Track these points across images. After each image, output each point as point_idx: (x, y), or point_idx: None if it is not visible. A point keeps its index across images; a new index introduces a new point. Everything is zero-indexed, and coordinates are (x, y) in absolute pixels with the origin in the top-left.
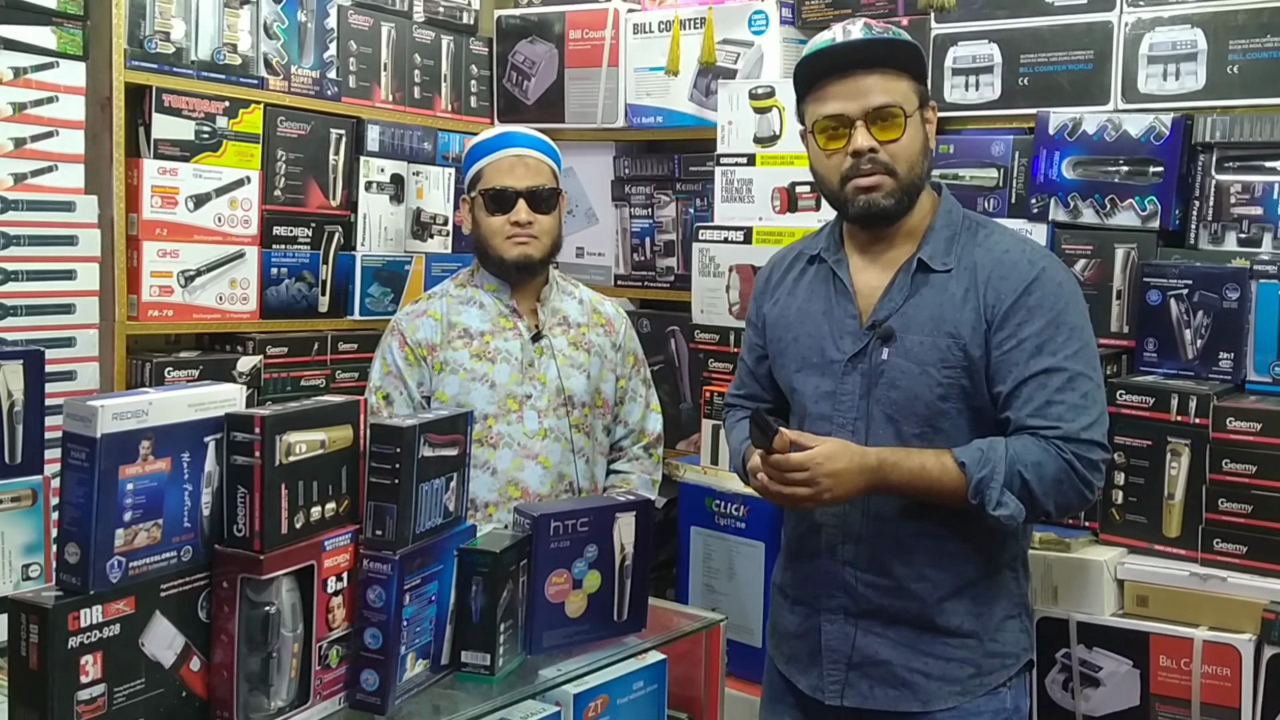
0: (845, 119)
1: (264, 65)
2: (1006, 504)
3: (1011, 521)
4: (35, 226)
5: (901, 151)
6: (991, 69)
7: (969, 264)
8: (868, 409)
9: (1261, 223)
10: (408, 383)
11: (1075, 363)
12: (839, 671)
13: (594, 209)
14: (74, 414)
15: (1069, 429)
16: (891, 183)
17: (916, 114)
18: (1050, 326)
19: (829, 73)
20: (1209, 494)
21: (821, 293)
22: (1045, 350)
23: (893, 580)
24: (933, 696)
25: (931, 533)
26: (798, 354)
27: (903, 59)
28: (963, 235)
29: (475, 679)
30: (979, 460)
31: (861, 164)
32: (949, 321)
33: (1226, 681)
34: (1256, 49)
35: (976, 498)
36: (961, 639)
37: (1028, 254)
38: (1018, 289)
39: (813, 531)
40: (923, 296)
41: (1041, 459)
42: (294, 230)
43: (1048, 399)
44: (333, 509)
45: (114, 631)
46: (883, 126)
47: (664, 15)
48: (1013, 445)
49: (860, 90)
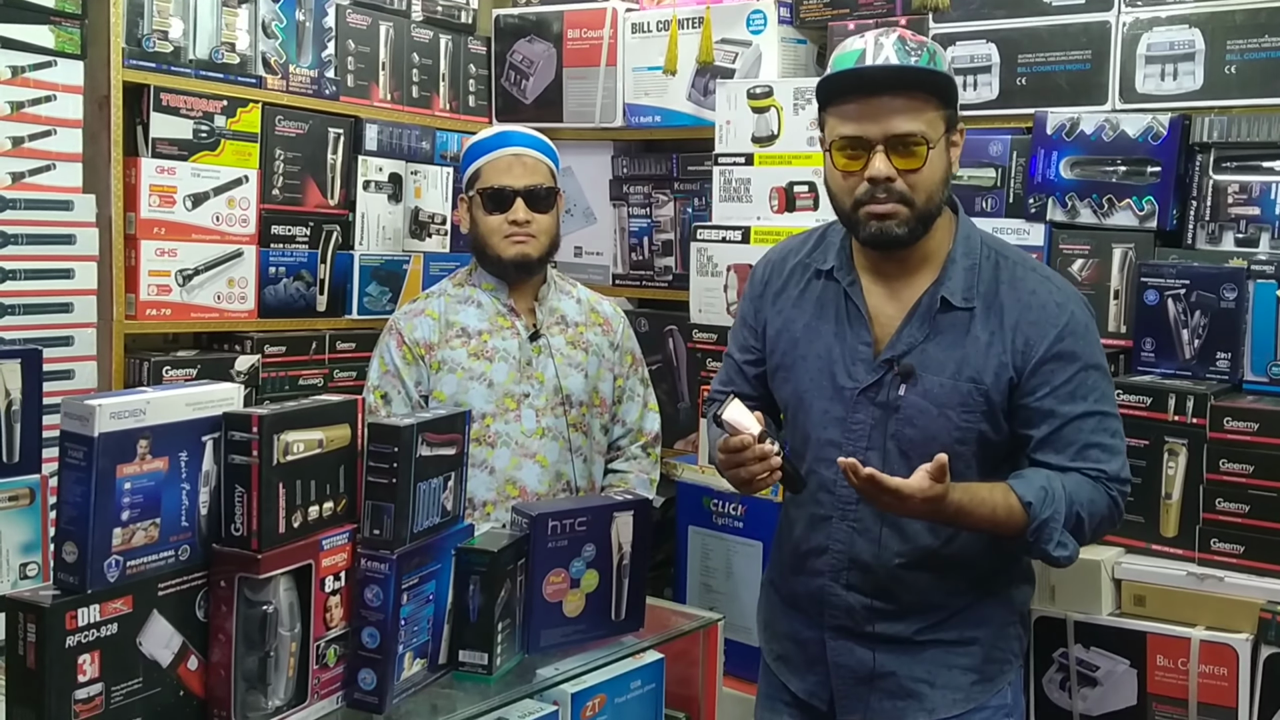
0: (865, 142)
1: (262, 64)
2: (1066, 545)
3: (1068, 562)
4: (33, 225)
5: (921, 182)
6: (989, 69)
7: (993, 304)
8: (882, 442)
9: (1259, 223)
10: (405, 382)
11: (1105, 404)
12: (846, 685)
13: (592, 208)
14: (72, 413)
15: (1110, 470)
16: (907, 212)
17: (941, 141)
18: (1082, 371)
19: (854, 90)
20: (1206, 494)
21: (831, 314)
22: (1078, 395)
23: (898, 605)
24: (938, 705)
25: (938, 565)
26: (805, 373)
27: (933, 85)
28: (983, 266)
29: (473, 678)
30: (1043, 500)
31: (877, 192)
32: (972, 366)
33: (1223, 681)
34: (1254, 49)
35: (1034, 536)
36: (965, 647)
37: (1055, 296)
38: (1049, 336)
39: (816, 553)
40: (945, 336)
41: (1094, 497)
42: (292, 229)
43: (1086, 442)
44: (330, 508)
45: (111, 630)
46: (903, 155)
47: (662, 15)
48: (1067, 484)
49: (883, 113)
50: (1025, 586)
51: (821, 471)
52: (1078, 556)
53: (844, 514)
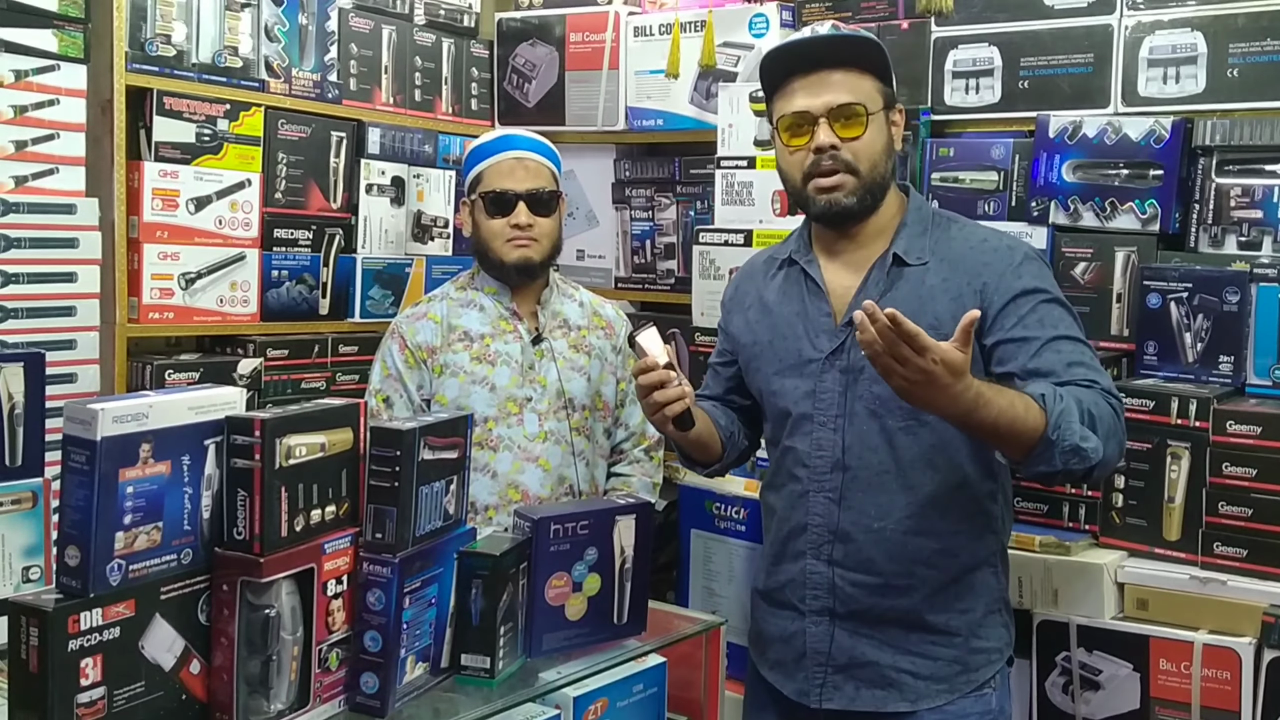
0: (809, 115)
1: (265, 68)
2: (1089, 437)
3: (1094, 455)
4: (36, 229)
5: (863, 149)
6: (991, 72)
7: (946, 256)
8: (849, 405)
9: (1261, 226)
10: (408, 385)
11: (1075, 331)
12: (823, 674)
13: (594, 211)
14: (74, 417)
15: (1103, 382)
16: (853, 181)
17: (881, 114)
18: (1045, 304)
19: (795, 70)
20: (1209, 497)
21: (795, 294)
22: (1047, 323)
23: (879, 578)
24: (920, 696)
25: (916, 530)
26: (774, 357)
27: (868, 58)
28: (934, 230)
29: (475, 682)
30: (1054, 396)
31: (823, 160)
32: (928, 312)
33: (1226, 685)
34: (1256, 52)
35: (1055, 433)
36: (948, 636)
37: (1005, 240)
38: (1005, 274)
39: (797, 532)
40: (899, 290)
41: (1097, 400)
42: (294, 233)
43: (1068, 361)
44: (333, 512)
45: (114, 634)
46: (845, 124)
47: (664, 18)
48: (1066, 390)
49: (824, 87)
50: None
51: (797, 446)
52: (1099, 456)
53: (820, 485)
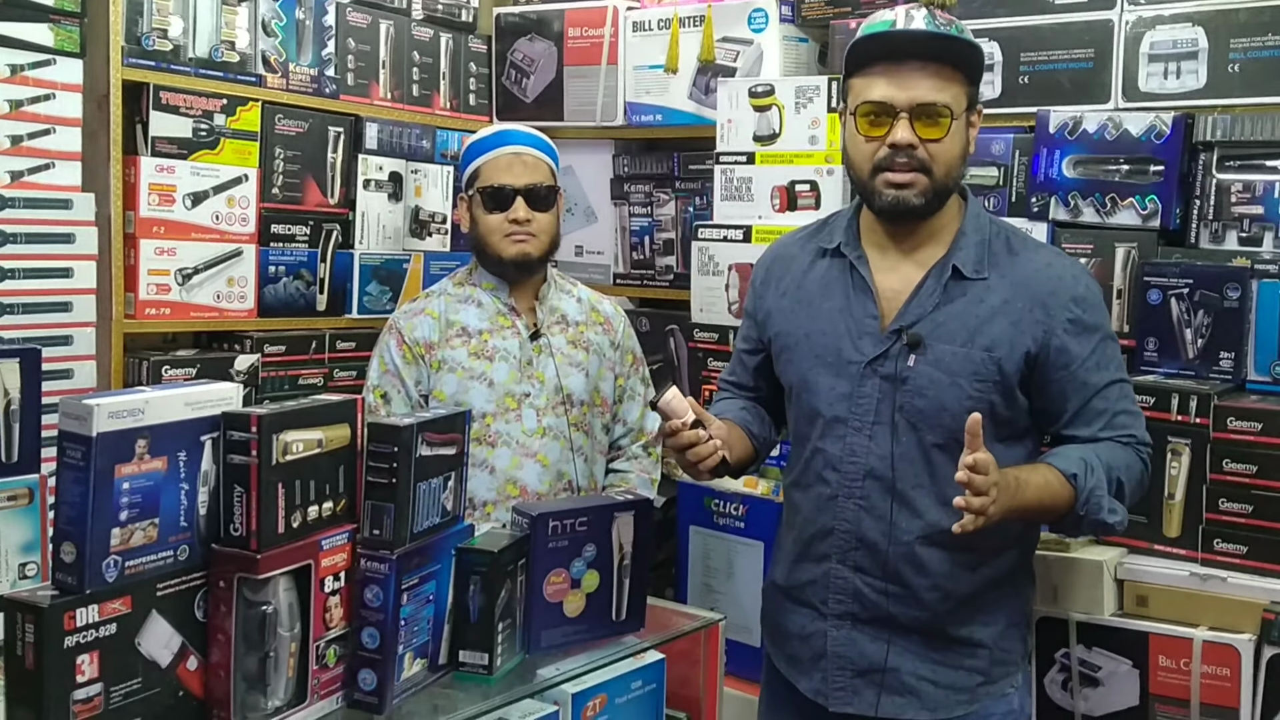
0: (890, 108)
1: (262, 63)
2: (1116, 510)
3: (1121, 527)
4: (32, 224)
5: (941, 153)
6: (991, 67)
7: (1008, 274)
8: (890, 415)
9: (1262, 222)
10: (405, 381)
11: (1123, 371)
12: (844, 677)
13: (593, 207)
14: (69, 413)
15: (1139, 435)
16: (926, 182)
17: (963, 117)
18: (1102, 341)
19: (882, 57)
20: (1209, 494)
21: (838, 288)
22: (1103, 365)
23: (906, 588)
24: (940, 705)
25: (945, 545)
26: (810, 351)
27: (961, 58)
28: (994, 242)
29: (473, 678)
30: (1086, 471)
31: (898, 157)
32: (986, 335)
33: (1226, 682)
34: (1258, 47)
35: (1084, 509)
36: (971, 648)
37: (1070, 269)
38: (1068, 307)
39: (823, 535)
40: (955, 304)
41: (1130, 461)
42: (292, 228)
43: (1115, 411)
44: (330, 508)
45: (110, 631)
46: (927, 124)
47: (663, 13)
48: (1101, 453)
49: (911, 81)
50: (1030, 585)
51: (828, 449)
52: (1126, 522)
53: (850, 492)
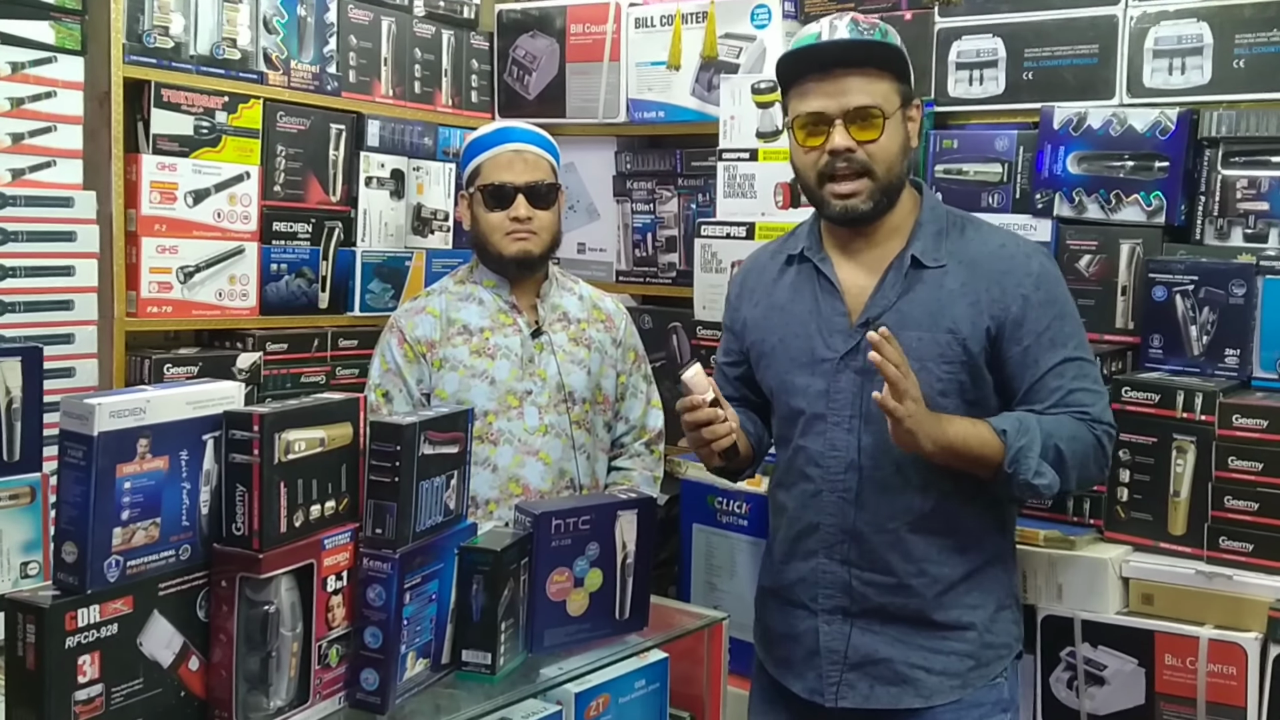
0: (825, 117)
1: (263, 60)
2: (1044, 474)
3: (1048, 491)
4: (33, 222)
5: (879, 152)
6: (996, 63)
7: (963, 259)
8: (863, 407)
9: (1268, 218)
10: (407, 380)
11: (1082, 350)
12: (837, 672)
13: (595, 204)
14: (71, 412)
15: (1094, 412)
16: (869, 184)
17: (897, 114)
18: (1058, 319)
19: (811, 70)
20: (1215, 491)
21: (806, 291)
22: (1058, 343)
23: (893, 577)
24: (934, 691)
25: (930, 530)
26: (785, 354)
27: (885, 60)
28: (950, 231)
29: (476, 678)
30: (1017, 429)
31: (838, 163)
32: (948, 317)
33: (1232, 680)
34: (1263, 43)
35: (1012, 466)
36: (960, 631)
37: (1023, 248)
38: (1023, 284)
39: (809, 532)
40: (917, 293)
41: (1077, 433)
42: (294, 226)
43: (1069, 388)
44: (332, 507)
45: (112, 631)
46: (861, 126)
47: (666, 9)
48: (1045, 420)
49: (840, 89)
50: (1015, 568)
51: (809, 446)
52: (1056, 488)
53: (834, 486)
